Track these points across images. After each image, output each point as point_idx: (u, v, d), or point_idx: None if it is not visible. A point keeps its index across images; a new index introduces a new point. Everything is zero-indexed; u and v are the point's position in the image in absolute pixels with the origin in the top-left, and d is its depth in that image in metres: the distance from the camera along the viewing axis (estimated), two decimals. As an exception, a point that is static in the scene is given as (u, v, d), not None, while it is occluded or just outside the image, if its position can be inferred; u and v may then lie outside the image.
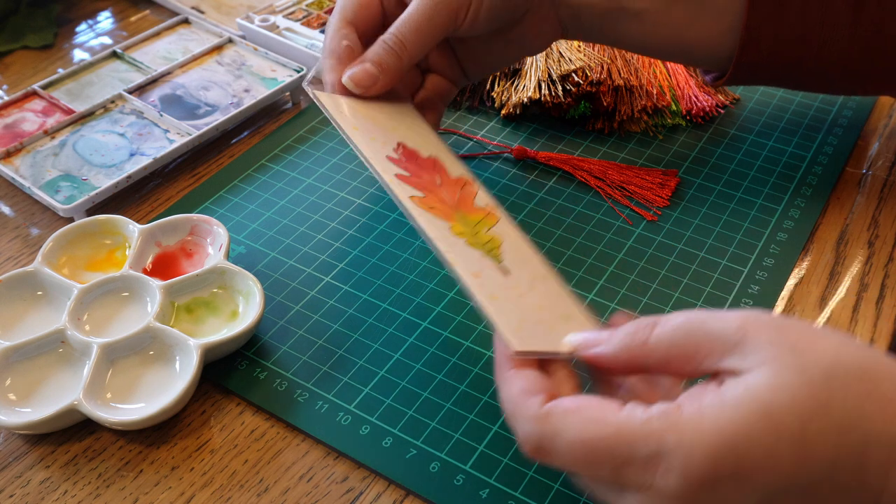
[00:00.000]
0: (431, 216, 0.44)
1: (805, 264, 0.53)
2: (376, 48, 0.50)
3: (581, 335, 0.38)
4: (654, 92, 0.63)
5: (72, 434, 0.45)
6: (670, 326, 0.35)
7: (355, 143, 0.47)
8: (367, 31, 0.53)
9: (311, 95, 0.50)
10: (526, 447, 0.35)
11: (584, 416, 0.33)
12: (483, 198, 0.48)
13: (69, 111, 0.65)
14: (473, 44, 0.56)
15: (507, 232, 0.46)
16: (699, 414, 0.32)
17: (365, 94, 0.50)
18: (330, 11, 0.74)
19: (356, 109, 0.50)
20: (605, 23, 0.54)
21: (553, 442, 0.34)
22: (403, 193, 0.45)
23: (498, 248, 0.44)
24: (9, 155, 0.60)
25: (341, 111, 0.50)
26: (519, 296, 0.41)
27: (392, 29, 0.50)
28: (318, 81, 0.55)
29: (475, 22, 0.51)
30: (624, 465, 0.32)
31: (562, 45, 0.63)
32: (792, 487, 0.30)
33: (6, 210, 0.60)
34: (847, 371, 0.31)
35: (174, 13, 0.78)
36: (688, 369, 0.34)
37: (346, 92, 0.50)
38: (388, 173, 0.46)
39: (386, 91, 0.51)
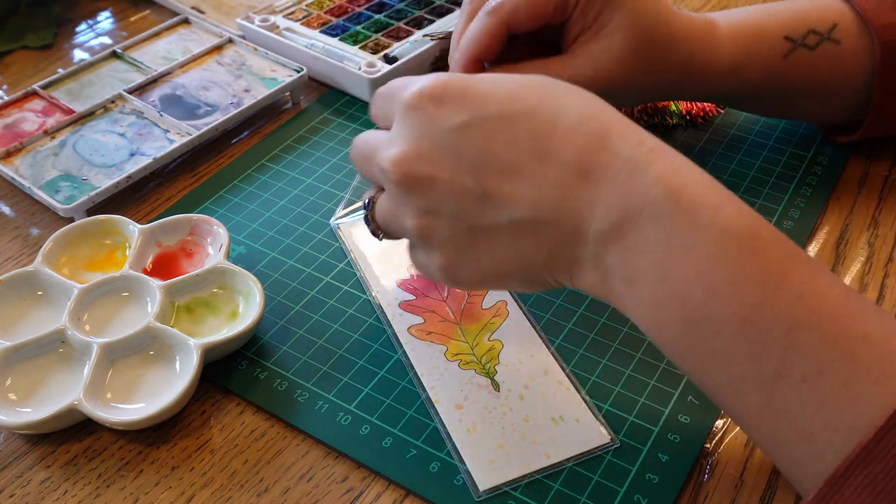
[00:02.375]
0: (426, 344, 0.48)
1: (805, 264, 0.53)
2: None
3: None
4: (654, 92, 0.63)
5: (72, 434, 0.45)
6: None
7: (366, 278, 0.52)
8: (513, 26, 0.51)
9: (333, 227, 0.55)
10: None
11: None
12: (495, 295, 0.50)
13: (69, 111, 0.65)
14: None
15: (511, 329, 0.48)
16: None
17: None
18: (330, 11, 0.74)
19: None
20: (731, 102, 0.58)
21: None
22: (401, 327, 0.49)
23: (496, 358, 0.47)
24: (9, 155, 0.60)
25: (355, 242, 0.54)
26: (503, 414, 0.44)
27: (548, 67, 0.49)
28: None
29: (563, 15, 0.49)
30: (396, 92, 0.41)
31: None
32: (494, 119, 0.38)
33: (6, 210, 0.60)
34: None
35: (174, 13, 0.78)
36: None
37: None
38: (391, 307, 0.50)
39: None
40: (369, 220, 0.44)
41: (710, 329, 0.34)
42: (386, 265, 0.52)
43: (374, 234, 0.44)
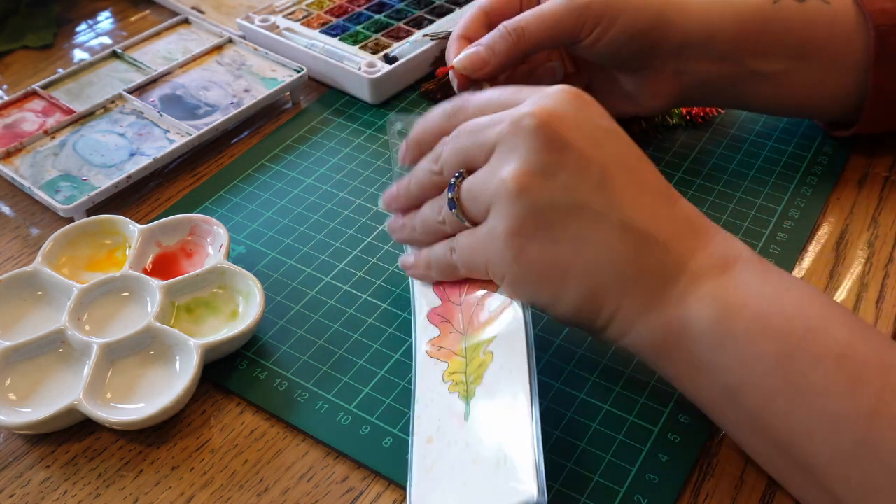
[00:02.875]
0: (434, 362, 0.45)
1: (805, 264, 0.53)
2: (493, 33, 0.52)
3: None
4: (654, 92, 0.63)
5: (72, 434, 0.45)
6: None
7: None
8: (501, 19, 0.54)
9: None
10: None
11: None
12: (499, 298, 0.45)
13: (69, 111, 0.65)
14: (599, 79, 0.58)
15: (504, 338, 0.43)
16: None
17: (473, 76, 0.52)
18: (330, 11, 0.74)
19: None
20: (733, 87, 0.56)
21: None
22: (422, 340, 0.46)
23: (481, 377, 0.42)
24: (9, 155, 0.60)
25: None
26: (460, 452, 0.40)
27: (517, 17, 0.52)
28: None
29: (597, 43, 0.52)
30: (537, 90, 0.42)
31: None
32: (638, 153, 0.42)
33: (6, 210, 0.60)
34: None
35: (174, 13, 0.78)
36: None
37: (460, 75, 0.52)
38: (422, 313, 0.47)
39: (496, 75, 0.53)
40: (452, 187, 0.42)
41: (806, 362, 0.35)
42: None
43: (451, 204, 0.43)
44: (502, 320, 0.44)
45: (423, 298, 0.48)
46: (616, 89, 0.57)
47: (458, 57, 0.53)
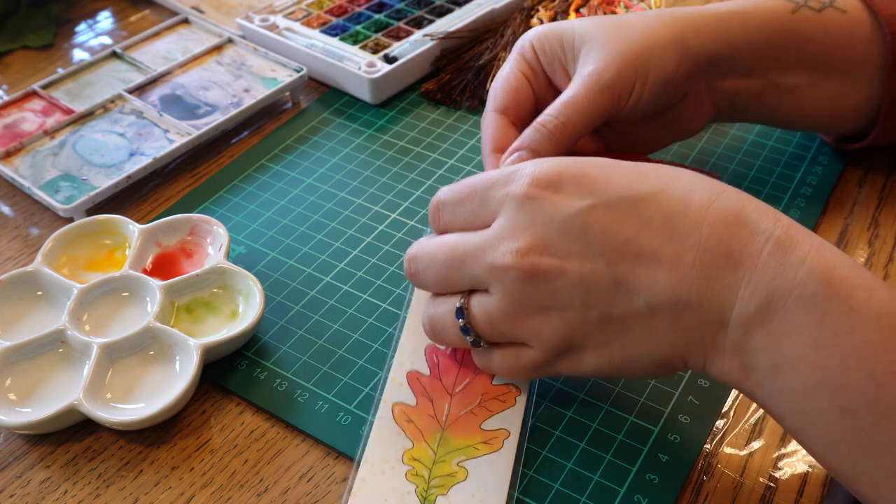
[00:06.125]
0: (397, 431, 0.42)
1: (805, 264, 0.53)
2: (532, 133, 0.47)
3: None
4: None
5: (72, 434, 0.45)
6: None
7: (404, 324, 0.47)
8: (518, 118, 0.50)
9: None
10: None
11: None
12: (502, 419, 0.42)
13: (69, 111, 0.65)
14: (625, 128, 0.53)
15: (488, 465, 0.41)
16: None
17: None
18: (330, 11, 0.74)
19: None
20: (760, 101, 0.54)
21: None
22: (390, 398, 0.43)
23: (447, 487, 0.40)
24: (9, 155, 0.60)
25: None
26: None
27: (551, 111, 0.47)
28: None
29: (637, 105, 0.49)
30: (492, 187, 0.40)
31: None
32: (620, 202, 0.37)
33: (6, 210, 0.60)
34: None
35: (174, 13, 0.78)
36: None
37: None
38: (402, 368, 0.44)
39: None
40: (468, 330, 0.40)
41: (869, 419, 0.32)
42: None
43: (476, 343, 0.41)
44: (492, 446, 0.42)
45: (410, 351, 0.45)
46: (650, 129, 0.54)
47: (502, 163, 0.47)
